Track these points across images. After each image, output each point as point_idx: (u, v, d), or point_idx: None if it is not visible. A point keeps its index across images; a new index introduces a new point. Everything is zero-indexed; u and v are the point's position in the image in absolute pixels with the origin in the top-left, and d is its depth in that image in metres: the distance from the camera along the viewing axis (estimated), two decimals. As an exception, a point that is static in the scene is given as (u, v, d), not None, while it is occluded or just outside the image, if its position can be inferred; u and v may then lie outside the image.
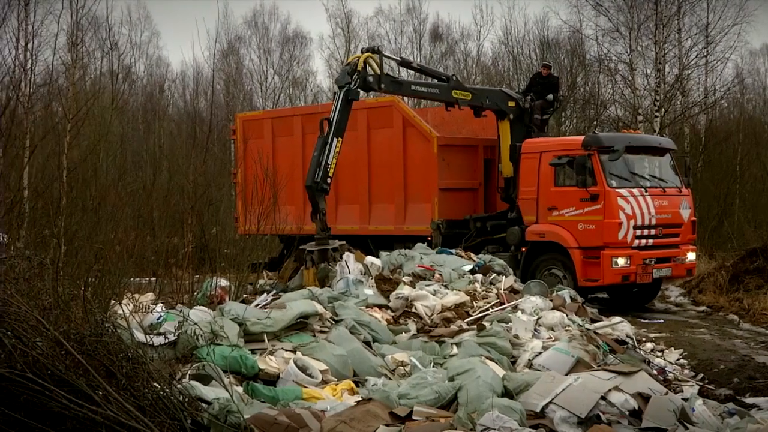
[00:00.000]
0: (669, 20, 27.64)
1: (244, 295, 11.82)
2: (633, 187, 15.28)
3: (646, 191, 15.38)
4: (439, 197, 16.92)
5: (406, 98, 19.79)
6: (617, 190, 15.06)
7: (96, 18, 34.12)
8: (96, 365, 5.89)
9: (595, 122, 29.68)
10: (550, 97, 17.49)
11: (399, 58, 16.95)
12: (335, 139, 14.23)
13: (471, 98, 16.63)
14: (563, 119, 31.33)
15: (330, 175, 14.17)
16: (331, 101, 15.28)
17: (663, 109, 27.10)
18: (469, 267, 13.16)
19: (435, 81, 16.57)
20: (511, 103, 17.00)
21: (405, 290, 11.41)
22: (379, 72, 15.00)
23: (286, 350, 8.41)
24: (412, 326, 10.55)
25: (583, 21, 29.78)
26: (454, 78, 16.77)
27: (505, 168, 16.87)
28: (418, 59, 40.34)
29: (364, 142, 18.02)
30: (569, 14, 37.83)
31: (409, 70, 21.27)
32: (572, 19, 31.11)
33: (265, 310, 9.24)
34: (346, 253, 12.78)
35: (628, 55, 27.90)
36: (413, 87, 16.52)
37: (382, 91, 16.01)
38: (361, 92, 15.26)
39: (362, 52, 15.11)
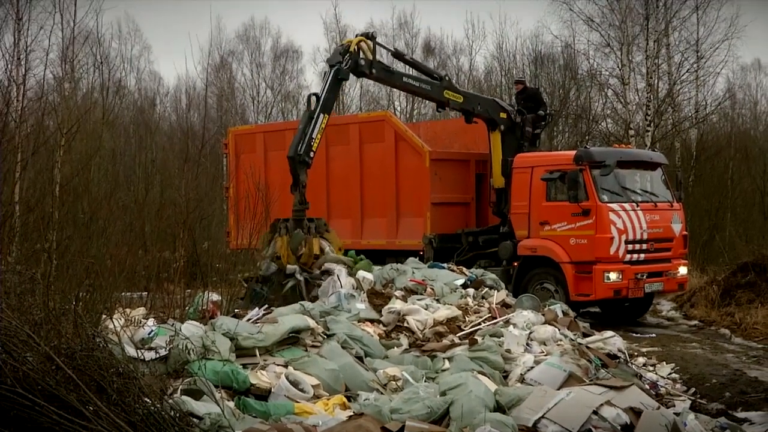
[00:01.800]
0: (660, 35, 27.80)
1: (236, 310, 11.77)
2: (624, 202, 15.32)
3: (637, 206, 15.43)
4: (431, 211, 16.94)
5: (397, 113, 19.79)
6: (609, 204, 15.10)
7: (88, 32, 34.13)
8: (87, 380, 5.87)
9: (586, 137, 29.78)
10: (541, 112, 17.53)
11: (393, 49, 16.81)
12: (322, 115, 14.14)
13: (462, 101, 16.63)
14: (555, 134, 31.44)
15: (313, 149, 14.00)
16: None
17: (654, 124, 27.22)
18: (461, 281, 13.15)
19: (427, 78, 16.47)
20: (503, 114, 17.01)
21: (397, 304, 11.39)
22: (371, 58, 14.97)
23: (277, 365, 8.38)
24: (404, 341, 10.53)
25: (576, 36, 29.96)
26: (446, 78, 16.76)
27: (496, 179, 16.88)
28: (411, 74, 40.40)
29: (357, 157, 18.04)
30: (561, 29, 37.98)
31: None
32: (564, 34, 31.26)
33: (257, 324, 9.21)
34: (338, 267, 12.75)
35: (620, 70, 28.03)
36: (405, 79, 16.31)
37: (373, 78, 15.92)
38: (352, 76, 15.14)
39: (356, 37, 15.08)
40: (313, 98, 14.26)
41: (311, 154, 14.00)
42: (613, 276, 14.97)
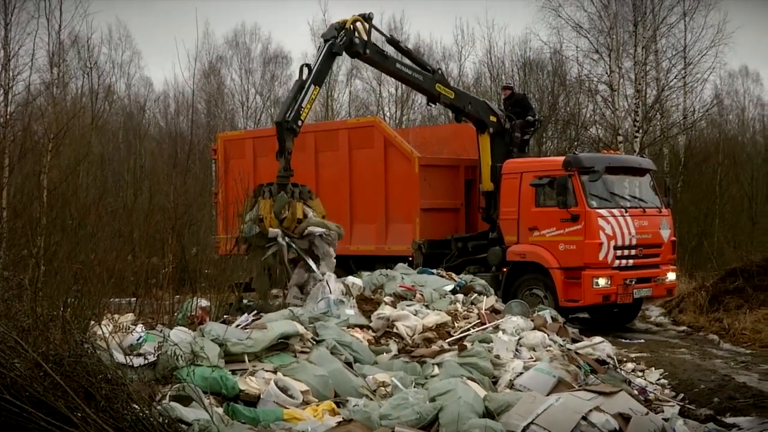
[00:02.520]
0: (648, 42, 27.91)
1: (225, 316, 11.76)
2: (613, 208, 15.36)
3: (626, 212, 15.46)
4: (420, 217, 16.94)
5: (387, 119, 19.77)
6: (598, 210, 15.13)
7: (77, 37, 34.08)
8: (75, 387, 5.85)
9: (575, 143, 29.86)
10: (530, 118, 17.52)
11: (388, 35, 16.70)
12: (312, 86, 14.12)
13: (453, 98, 16.63)
14: (544, 139, 31.50)
15: (302, 118, 13.98)
16: (314, 122, 15.27)
17: (643, 130, 27.32)
18: (450, 287, 13.17)
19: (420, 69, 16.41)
20: (493, 118, 17.00)
21: (386, 310, 11.40)
22: (366, 38, 14.95)
23: (266, 371, 8.37)
24: (394, 346, 10.54)
25: (564, 42, 30.02)
26: (439, 71, 16.76)
27: (485, 183, 16.86)
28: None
29: (346, 162, 18.04)
30: (550, 35, 38.12)
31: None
32: (553, 41, 31.32)
33: (246, 330, 9.20)
34: (327, 273, 12.75)
35: (608, 76, 28.12)
36: (398, 65, 16.25)
37: (365, 59, 15.86)
38: (346, 56, 15.12)
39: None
40: (306, 69, 14.23)
41: (299, 123, 13.97)
42: (602, 282, 14.99)
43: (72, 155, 21.02)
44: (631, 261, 15.46)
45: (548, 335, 11.14)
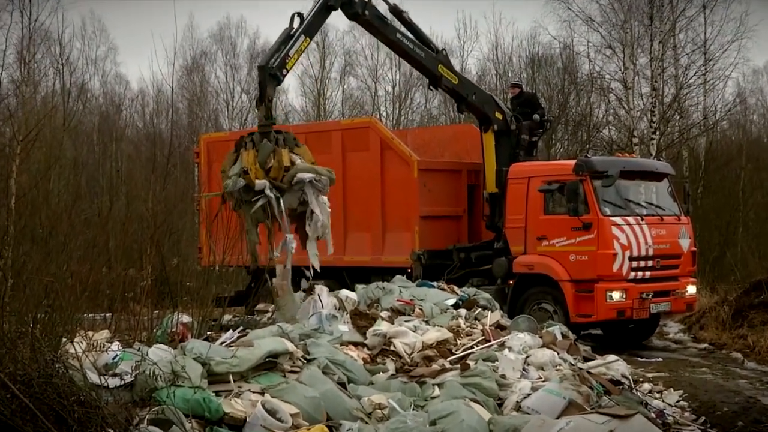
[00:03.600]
0: (665, 36, 27.96)
1: (208, 332, 11.75)
2: (628, 215, 15.37)
3: (642, 219, 15.48)
4: (419, 226, 16.94)
5: (383, 119, 19.73)
6: (611, 218, 15.15)
7: (48, 32, 34.14)
8: (45, 410, 5.84)
9: (587, 145, 29.92)
10: (537, 117, 17.48)
11: (392, 3, 16.60)
12: (302, 37, 14.11)
13: (457, 83, 16.63)
14: (553, 142, 31.58)
15: (287, 67, 13.94)
16: (305, 122, 15.28)
17: (660, 131, 27.37)
18: (452, 301, 13.16)
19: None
20: (498, 115, 16.97)
21: (383, 326, 11.39)
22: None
23: (253, 392, 8.37)
24: (391, 365, 10.53)
25: (575, 37, 30.11)
26: (444, 52, 16.77)
27: (489, 185, 16.85)
28: (397, 76, 40.53)
29: (339, 166, 17.99)
30: (559, 29, 38.25)
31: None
32: (563, 35, 31.41)
33: (231, 348, 9.20)
34: (318, 286, 12.73)
35: (622, 73, 28.18)
36: (398, 35, 16.16)
37: (363, 23, 15.74)
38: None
39: None
40: (297, 18, 14.23)
41: (284, 71, 13.95)
42: (616, 295, 14.99)
43: (43, 159, 21.03)
44: (647, 273, 15.48)
45: (558, 353, 11.13)
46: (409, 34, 16.51)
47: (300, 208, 13.00)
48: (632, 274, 15.25)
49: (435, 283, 14.42)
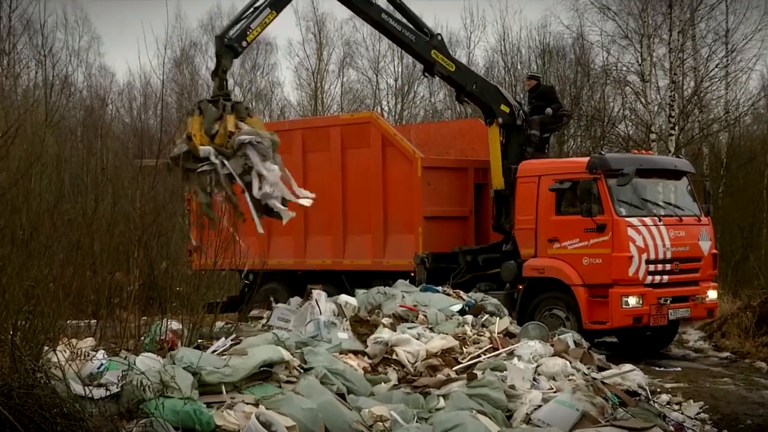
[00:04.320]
0: (685, 25, 27.93)
1: (199, 340, 11.77)
2: (645, 216, 15.38)
3: (660, 220, 15.48)
4: (423, 227, 16.94)
5: (385, 114, 19.71)
6: (627, 219, 15.15)
7: (30, 21, 34.19)
8: (26, 422, 5.85)
9: (601, 141, 29.90)
10: (549, 111, 17.36)
11: None
12: (268, 10, 14.12)
13: (454, 71, 16.57)
14: (566, 138, 31.55)
15: (247, 39, 14.00)
16: (301, 117, 15.28)
17: (679, 127, 27.35)
18: (458, 307, 13.17)
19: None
20: (504, 107, 16.89)
21: (385, 334, 11.40)
22: None
23: (247, 403, 8.38)
24: (393, 375, 10.55)
25: (588, 26, 30.10)
26: (439, 37, 16.69)
27: (495, 180, 16.81)
28: (399, 69, 40.56)
29: (338, 164, 18.04)
30: (572, 18, 38.27)
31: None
32: (576, 24, 31.45)
33: (224, 357, 9.21)
34: (316, 292, 12.75)
35: (639, 65, 28.16)
36: (384, 15, 16.05)
37: (344, 1, 15.70)
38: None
39: None
40: None
41: (243, 44, 14.02)
42: (632, 301, 15.00)
43: (23, 156, 21.00)
44: (665, 277, 15.48)
45: (570, 362, 11.15)
46: (400, 17, 16.45)
47: (246, 178, 12.98)
48: (649, 278, 15.25)
49: (440, 288, 14.43)
